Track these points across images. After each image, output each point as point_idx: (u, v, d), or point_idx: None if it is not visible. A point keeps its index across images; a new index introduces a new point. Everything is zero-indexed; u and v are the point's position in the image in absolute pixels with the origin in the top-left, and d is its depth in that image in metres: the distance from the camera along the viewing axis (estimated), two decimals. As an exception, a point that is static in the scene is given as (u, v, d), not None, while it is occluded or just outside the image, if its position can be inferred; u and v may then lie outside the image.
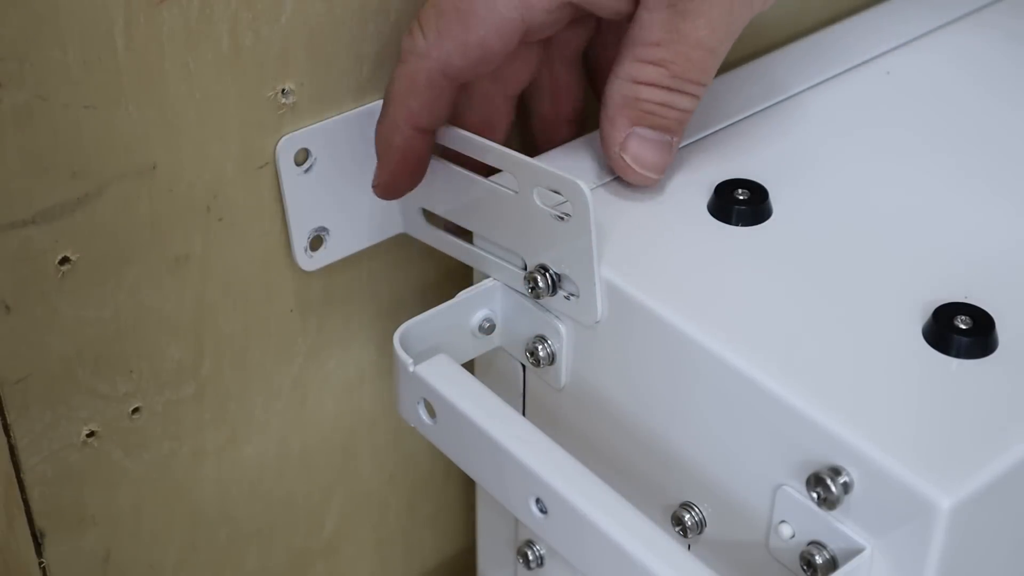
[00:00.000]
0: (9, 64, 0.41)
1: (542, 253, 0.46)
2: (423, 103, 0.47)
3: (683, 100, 0.47)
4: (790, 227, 0.47)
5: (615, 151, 0.47)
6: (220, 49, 0.45)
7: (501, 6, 0.45)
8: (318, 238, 0.51)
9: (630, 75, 0.46)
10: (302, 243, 0.51)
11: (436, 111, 0.47)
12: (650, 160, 0.48)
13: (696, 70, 0.46)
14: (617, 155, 0.48)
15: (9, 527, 0.48)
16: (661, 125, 0.47)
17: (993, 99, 0.55)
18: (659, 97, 0.47)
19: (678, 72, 0.46)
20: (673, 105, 0.47)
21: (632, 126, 0.47)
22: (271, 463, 0.56)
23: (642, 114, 0.47)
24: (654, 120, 0.47)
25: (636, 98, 0.47)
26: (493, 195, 0.47)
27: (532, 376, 0.51)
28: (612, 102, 0.47)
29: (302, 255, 0.51)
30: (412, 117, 0.47)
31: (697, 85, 0.47)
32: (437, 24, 0.46)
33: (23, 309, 0.45)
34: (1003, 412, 0.40)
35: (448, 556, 0.67)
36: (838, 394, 0.41)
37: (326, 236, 0.51)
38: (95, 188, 0.45)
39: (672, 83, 0.46)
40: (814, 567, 0.41)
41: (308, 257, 0.51)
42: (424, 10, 0.46)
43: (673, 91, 0.47)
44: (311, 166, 0.49)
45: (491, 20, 0.45)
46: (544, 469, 0.43)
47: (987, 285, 0.44)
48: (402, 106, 0.47)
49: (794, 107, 0.54)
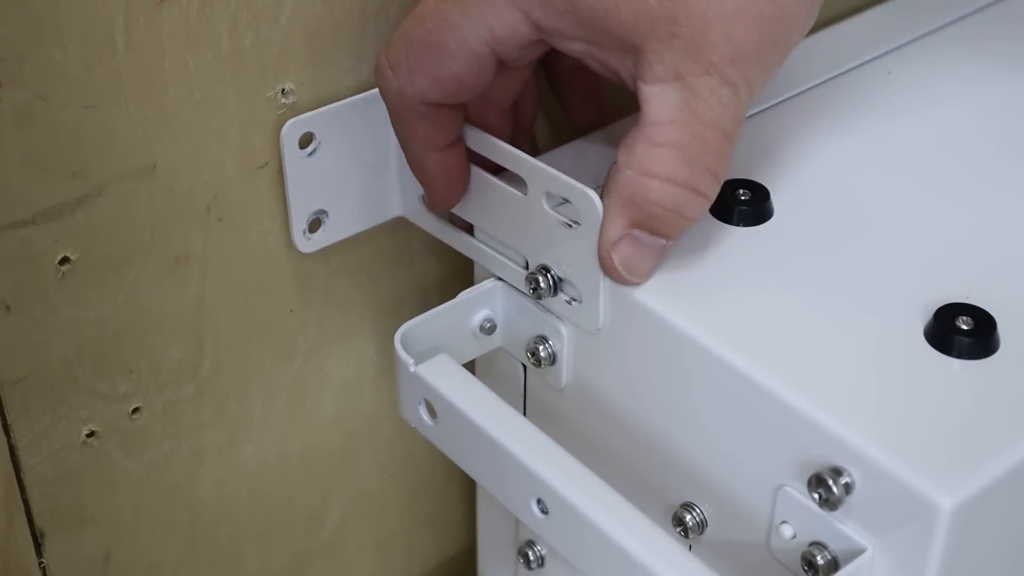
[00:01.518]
0: (9, 64, 0.41)
1: (546, 255, 0.46)
2: (427, 129, 0.46)
3: (694, 205, 0.43)
4: (791, 227, 0.47)
5: (606, 249, 0.44)
6: (220, 49, 0.45)
7: (471, 41, 0.43)
8: (317, 220, 0.51)
9: (643, 166, 0.43)
10: (301, 225, 0.51)
11: (444, 129, 0.46)
12: (640, 268, 0.44)
13: (712, 154, 0.43)
14: (607, 253, 0.44)
15: (9, 527, 0.48)
16: (662, 231, 0.44)
17: (993, 99, 0.54)
18: (670, 201, 0.43)
19: (694, 156, 0.43)
20: (683, 212, 0.43)
21: (631, 228, 0.44)
22: (271, 463, 0.56)
23: (647, 217, 0.43)
24: (657, 226, 0.44)
25: (645, 199, 0.43)
26: (500, 193, 0.47)
27: (533, 376, 0.51)
28: (617, 195, 0.43)
29: (300, 237, 0.51)
30: (426, 143, 0.46)
31: (712, 178, 0.43)
32: (408, 59, 0.44)
33: (23, 309, 0.45)
34: (1004, 412, 0.40)
35: (448, 556, 0.67)
36: (839, 395, 0.40)
37: (325, 219, 0.51)
38: (95, 188, 0.45)
39: (688, 175, 0.43)
40: (815, 568, 0.41)
41: (306, 239, 0.51)
42: (391, 44, 0.45)
43: (687, 189, 0.43)
44: (315, 149, 0.49)
45: (462, 55, 0.44)
46: (545, 469, 0.43)
47: (989, 285, 0.44)
48: (411, 140, 0.47)
49: (794, 107, 0.54)
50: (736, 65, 0.42)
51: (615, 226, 0.44)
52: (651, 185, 0.43)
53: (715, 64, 0.42)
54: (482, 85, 0.45)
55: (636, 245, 0.44)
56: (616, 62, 0.44)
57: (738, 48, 0.42)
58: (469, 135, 0.47)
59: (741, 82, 0.42)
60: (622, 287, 0.45)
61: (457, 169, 0.48)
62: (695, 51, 0.42)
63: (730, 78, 0.42)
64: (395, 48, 0.45)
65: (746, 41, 0.42)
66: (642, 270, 0.45)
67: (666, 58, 0.42)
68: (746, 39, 0.42)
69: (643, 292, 0.45)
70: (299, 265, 0.52)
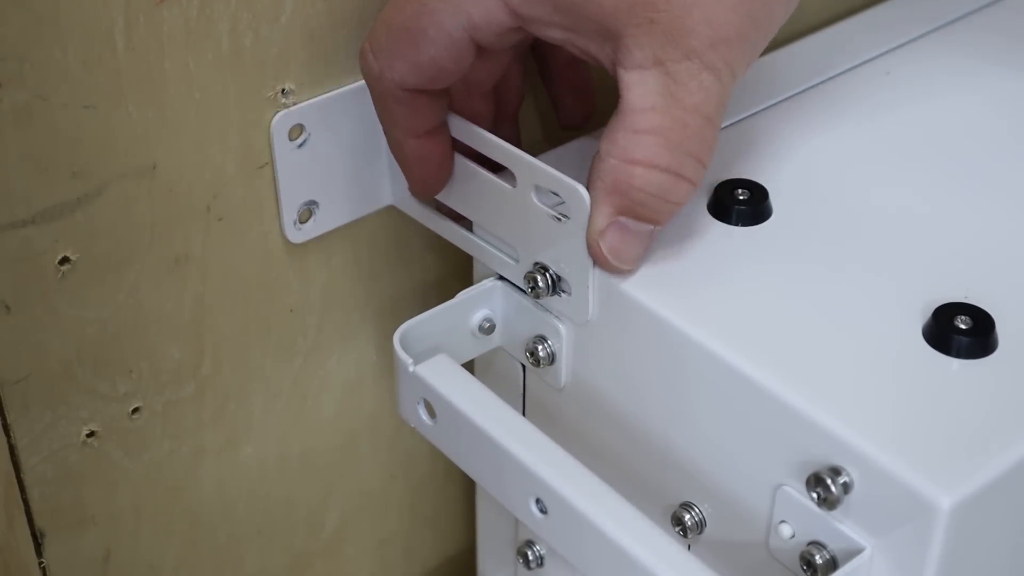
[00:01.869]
0: (9, 64, 0.41)
1: (537, 249, 0.46)
2: (406, 115, 0.46)
3: (679, 190, 0.43)
4: (790, 227, 0.47)
5: (593, 237, 0.44)
6: (220, 49, 0.45)
7: (449, 27, 0.44)
8: (307, 211, 0.51)
9: (625, 153, 0.43)
10: (291, 216, 0.51)
11: (424, 116, 0.46)
12: (628, 254, 0.44)
13: (695, 140, 0.42)
14: (595, 242, 0.44)
15: (9, 527, 0.48)
16: (649, 217, 0.44)
17: (993, 99, 0.54)
18: (654, 186, 0.43)
19: (676, 142, 0.42)
20: (667, 197, 0.43)
21: (617, 215, 0.44)
22: (271, 463, 0.56)
23: (632, 204, 0.43)
24: (643, 212, 0.44)
25: (629, 185, 0.43)
26: (490, 186, 0.47)
27: (532, 376, 0.51)
28: (601, 184, 0.43)
29: (291, 228, 0.51)
30: (406, 129, 0.47)
31: (696, 162, 0.43)
32: (388, 44, 0.45)
33: (23, 309, 0.45)
34: (1003, 412, 0.40)
35: (448, 556, 0.67)
36: (838, 394, 0.40)
37: (315, 209, 0.51)
38: (95, 188, 0.45)
39: (671, 160, 0.43)
40: (814, 567, 0.41)
41: (297, 230, 0.51)
42: (373, 30, 0.45)
43: (670, 174, 0.43)
44: (304, 141, 0.49)
45: (440, 40, 0.44)
46: (544, 469, 0.43)
47: (987, 285, 0.44)
48: (391, 124, 0.47)
49: (794, 107, 0.54)
50: (717, 50, 0.42)
51: (601, 214, 0.44)
52: (634, 172, 0.43)
53: (695, 49, 0.41)
54: (460, 71, 0.45)
55: (623, 232, 0.44)
56: (595, 49, 0.44)
57: (719, 33, 0.41)
58: (455, 125, 0.47)
59: (723, 66, 0.42)
60: (612, 278, 0.45)
61: (436, 156, 0.48)
62: (674, 36, 0.41)
63: (711, 63, 0.42)
64: (376, 34, 0.45)
65: (727, 25, 0.42)
66: (630, 256, 0.45)
67: (645, 44, 0.42)
68: (727, 23, 0.41)
69: (641, 290, 0.45)
70: (299, 265, 0.52)
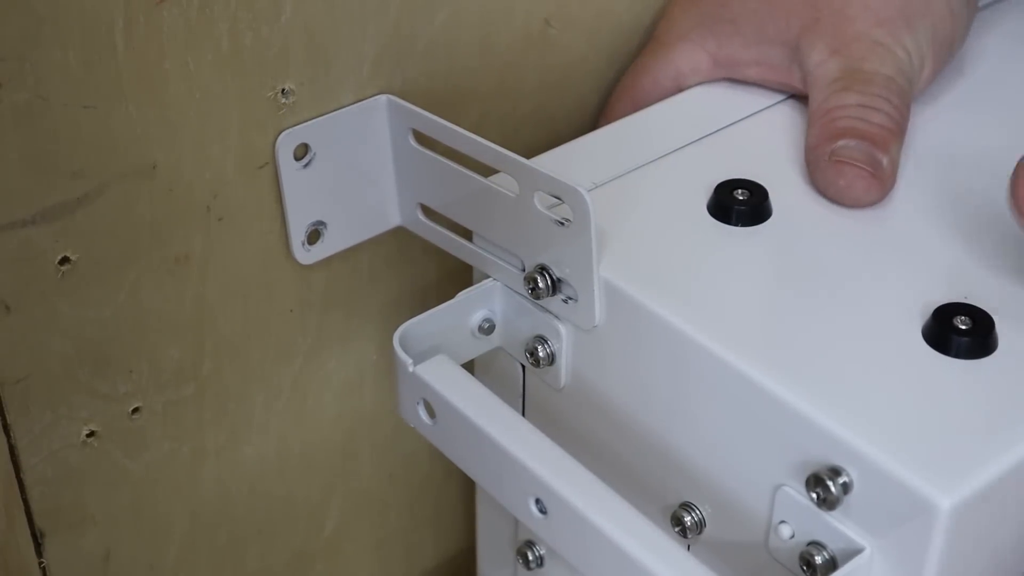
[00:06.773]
0: (9, 64, 0.41)
1: (541, 255, 0.46)
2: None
3: (875, 113, 0.48)
4: (790, 227, 0.47)
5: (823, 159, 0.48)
6: (220, 49, 0.45)
7: (662, 80, 0.55)
8: (315, 232, 0.51)
9: (824, 109, 0.49)
10: (300, 237, 0.51)
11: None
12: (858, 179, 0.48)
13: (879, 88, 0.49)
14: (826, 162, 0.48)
15: (9, 527, 0.48)
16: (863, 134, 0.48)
17: (993, 99, 0.54)
18: (853, 110, 0.48)
19: (862, 90, 0.49)
20: (866, 117, 0.48)
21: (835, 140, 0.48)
22: (271, 463, 0.56)
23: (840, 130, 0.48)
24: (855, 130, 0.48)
25: (832, 119, 0.48)
26: (492, 195, 0.47)
27: (532, 376, 0.51)
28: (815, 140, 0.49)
29: (300, 249, 0.51)
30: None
31: (885, 101, 0.49)
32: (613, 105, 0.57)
33: (23, 309, 0.45)
34: (1003, 412, 0.40)
35: (448, 556, 0.67)
36: (837, 394, 0.40)
37: (323, 230, 0.51)
38: (95, 188, 0.45)
39: (861, 98, 0.48)
40: (814, 567, 0.41)
41: (306, 251, 0.51)
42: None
43: (864, 107, 0.48)
44: (310, 161, 0.49)
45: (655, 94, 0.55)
46: (544, 469, 0.43)
47: (987, 285, 0.44)
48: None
49: (794, 107, 0.54)
50: (882, 27, 0.49)
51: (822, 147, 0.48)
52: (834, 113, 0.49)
53: (861, 32, 0.49)
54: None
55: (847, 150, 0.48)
56: (786, 73, 0.52)
57: (880, 14, 0.50)
58: (456, 136, 0.47)
59: (891, 41, 0.49)
60: (611, 279, 0.45)
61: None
62: (840, 26, 0.50)
63: (879, 39, 0.49)
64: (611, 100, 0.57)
65: (886, 6, 0.50)
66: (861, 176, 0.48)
67: (817, 42, 0.50)
68: (885, 5, 0.50)
69: (640, 290, 0.45)
70: (299, 265, 0.52)
